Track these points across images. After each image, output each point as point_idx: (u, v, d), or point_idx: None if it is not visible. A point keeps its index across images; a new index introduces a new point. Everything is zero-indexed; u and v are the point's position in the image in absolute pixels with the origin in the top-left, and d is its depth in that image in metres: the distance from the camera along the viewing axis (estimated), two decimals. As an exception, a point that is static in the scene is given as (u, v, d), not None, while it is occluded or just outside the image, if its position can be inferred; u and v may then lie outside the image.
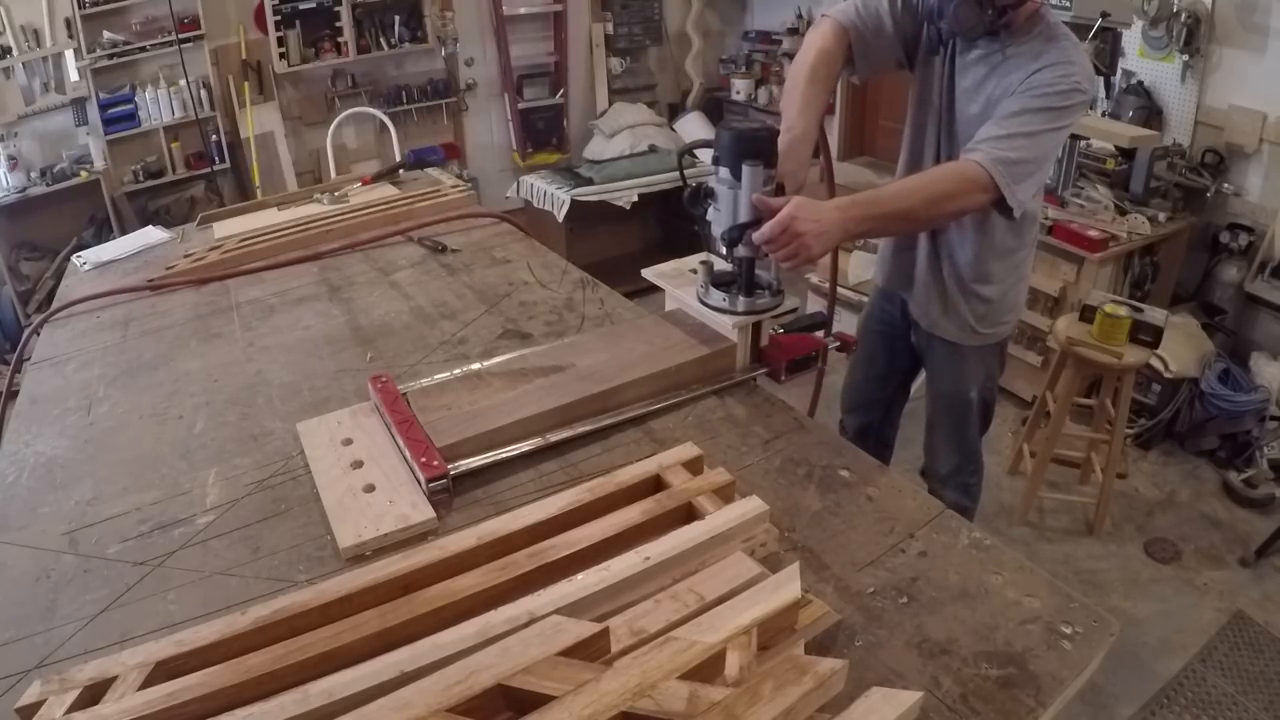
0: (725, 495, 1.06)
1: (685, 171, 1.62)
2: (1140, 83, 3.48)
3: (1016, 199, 1.45)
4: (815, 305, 3.76)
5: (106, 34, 4.01)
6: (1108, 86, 3.55)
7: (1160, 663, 2.31)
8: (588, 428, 1.26)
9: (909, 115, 1.78)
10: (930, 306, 1.86)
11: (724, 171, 1.35)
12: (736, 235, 1.34)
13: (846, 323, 3.59)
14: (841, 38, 1.63)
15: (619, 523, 0.99)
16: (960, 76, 1.62)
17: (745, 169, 1.31)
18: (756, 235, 1.31)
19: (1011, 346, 3.49)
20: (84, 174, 4.04)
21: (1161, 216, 3.27)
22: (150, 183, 4.30)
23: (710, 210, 1.40)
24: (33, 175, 4.00)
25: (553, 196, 4.51)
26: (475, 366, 1.42)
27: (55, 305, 1.95)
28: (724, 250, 1.40)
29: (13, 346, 3.83)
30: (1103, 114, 3.55)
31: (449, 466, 1.13)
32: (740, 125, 1.38)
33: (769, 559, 0.97)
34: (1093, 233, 3.14)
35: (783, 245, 1.30)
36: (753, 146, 1.32)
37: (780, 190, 1.36)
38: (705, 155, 1.46)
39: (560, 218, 4.44)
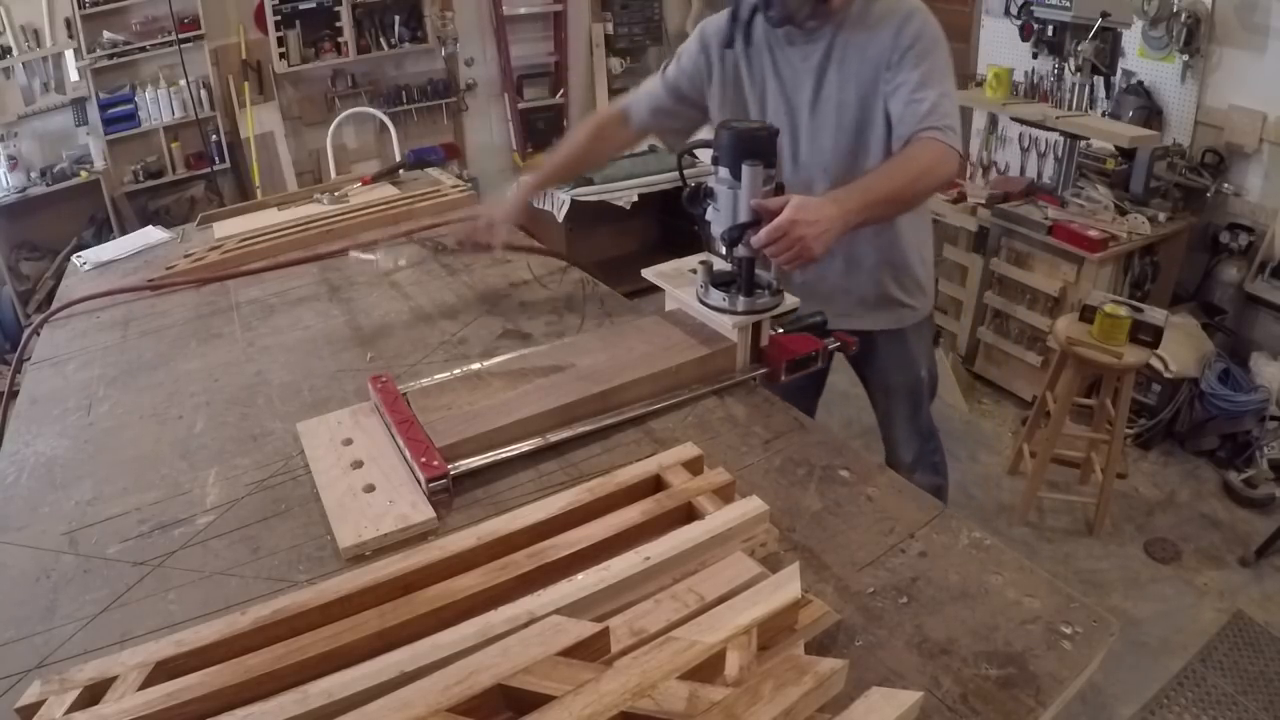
0: (725, 495, 1.06)
1: (685, 171, 1.62)
2: (1140, 83, 3.48)
3: (962, 148, 1.56)
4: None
5: (106, 34, 4.02)
6: (1108, 86, 3.56)
7: (1160, 663, 2.31)
8: (588, 428, 1.26)
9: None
10: (861, 306, 1.82)
11: (723, 171, 1.35)
12: (736, 235, 1.34)
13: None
14: (624, 118, 1.85)
15: (619, 523, 0.99)
16: (809, 78, 1.64)
17: (745, 169, 1.30)
18: (755, 240, 1.31)
19: (1011, 346, 3.50)
20: (84, 174, 4.05)
21: (1161, 216, 3.27)
22: (150, 183, 4.30)
23: (709, 210, 1.40)
24: (33, 175, 4.00)
25: (553, 196, 4.50)
26: (475, 366, 1.42)
27: (55, 305, 1.95)
28: (724, 250, 1.40)
29: (13, 346, 3.83)
30: (1103, 114, 3.56)
31: (449, 466, 1.13)
32: (740, 125, 1.38)
33: (769, 559, 0.97)
34: (1093, 233, 3.14)
35: (785, 249, 1.30)
36: (752, 146, 1.32)
37: (780, 190, 1.36)
38: (705, 155, 1.46)
39: (560, 218, 4.44)
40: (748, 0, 1.61)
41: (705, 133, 1.82)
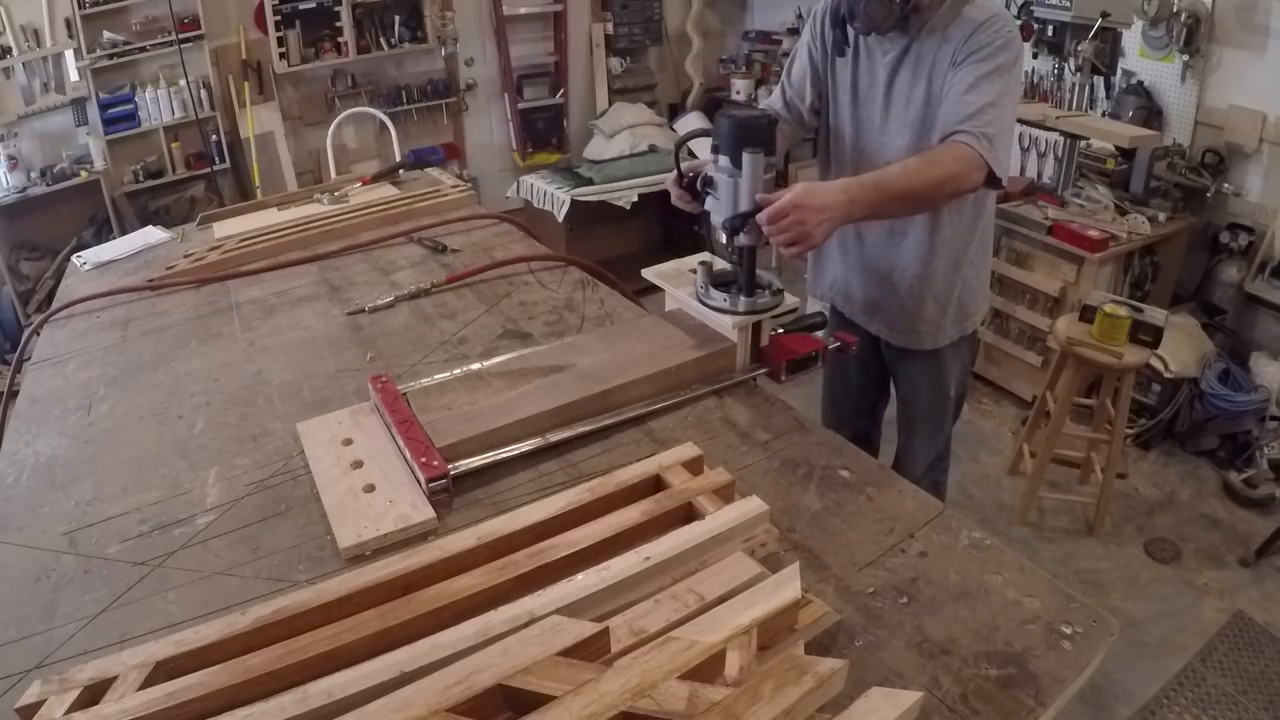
0: (725, 495, 1.06)
1: (683, 166, 1.62)
2: (1140, 83, 3.48)
3: (1002, 167, 1.51)
4: (815, 304, 3.76)
5: (106, 34, 4.01)
6: (1108, 86, 3.56)
7: (1160, 663, 2.31)
8: (588, 428, 1.26)
9: (830, 119, 1.78)
10: (902, 324, 1.83)
11: (724, 160, 1.35)
12: (739, 224, 1.34)
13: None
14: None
15: (619, 523, 0.99)
16: (884, 70, 1.63)
17: (746, 157, 1.30)
18: (759, 217, 1.31)
19: (1011, 346, 3.50)
20: (84, 174, 4.04)
21: (1161, 216, 3.27)
22: (150, 183, 4.30)
23: (709, 200, 1.40)
24: (33, 175, 4.00)
25: (553, 196, 4.50)
26: (475, 366, 1.42)
27: (55, 305, 1.95)
28: (724, 240, 1.39)
29: (13, 346, 3.83)
30: (1103, 114, 3.56)
31: (449, 466, 1.13)
32: (740, 113, 1.37)
33: (769, 559, 0.97)
34: (1093, 233, 3.14)
35: (785, 230, 1.30)
36: (753, 134, 1.32)
37: (781, 178, 1.36)
38: (703, 149, 1.46)
39: (560, 218, 4.43)
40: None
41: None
